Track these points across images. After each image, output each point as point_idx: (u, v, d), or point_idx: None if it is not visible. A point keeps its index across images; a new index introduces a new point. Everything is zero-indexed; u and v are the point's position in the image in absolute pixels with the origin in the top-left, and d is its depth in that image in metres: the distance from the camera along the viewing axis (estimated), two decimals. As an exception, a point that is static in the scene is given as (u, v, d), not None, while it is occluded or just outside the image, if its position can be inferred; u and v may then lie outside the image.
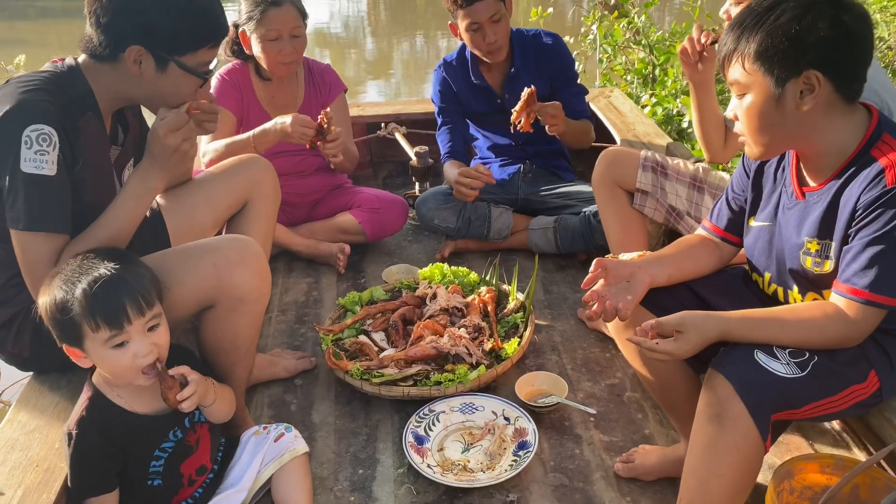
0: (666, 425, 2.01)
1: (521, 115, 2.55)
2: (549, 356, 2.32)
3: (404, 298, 2.42)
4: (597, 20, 5.15)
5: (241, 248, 1.71)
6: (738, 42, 1.39)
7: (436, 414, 1.99)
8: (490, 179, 2.67)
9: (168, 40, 1.62)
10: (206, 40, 1.67)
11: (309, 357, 2.31)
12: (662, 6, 9.47)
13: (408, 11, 15.21)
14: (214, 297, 1.69)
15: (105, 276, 1.43)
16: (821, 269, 1.46)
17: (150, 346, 1.46)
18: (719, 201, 1.74)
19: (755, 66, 1.38)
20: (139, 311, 1.44)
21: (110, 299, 1.42)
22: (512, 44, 2.82)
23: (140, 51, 1.61)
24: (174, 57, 1.64)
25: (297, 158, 2.89)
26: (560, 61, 2.87)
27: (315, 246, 2.86)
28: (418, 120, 3.65)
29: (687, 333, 1.40)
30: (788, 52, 1.34)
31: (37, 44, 11.30)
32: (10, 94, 1.57)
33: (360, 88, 8.43)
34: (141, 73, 1.64)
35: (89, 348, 1.46)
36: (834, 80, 1.35)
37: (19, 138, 1.52)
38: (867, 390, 1.44)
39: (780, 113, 1.39)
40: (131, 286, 1.45)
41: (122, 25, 1.60)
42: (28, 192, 1.54)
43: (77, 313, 1.41)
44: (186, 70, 1.66)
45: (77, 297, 1.41)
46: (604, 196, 2.36)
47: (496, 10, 2.64)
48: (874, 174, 1.35)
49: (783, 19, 1.34)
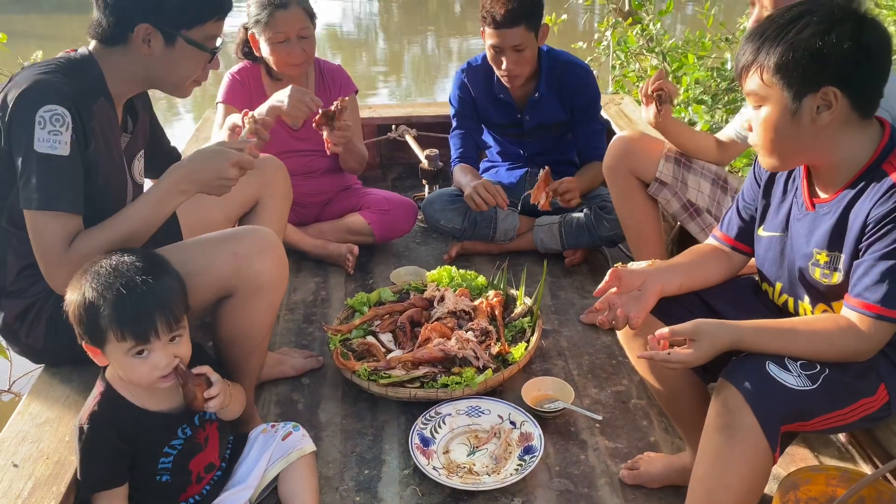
0: (671, 433, 2.01)
1: (539, 196, 2.55)
2: (556, 361, 2.32)
3: (412, 300, 2.43)
4: (610, 26, 5.15)
5: (260, 237, 1.74)
6: (758, 53, 1.39)
7: (442, 416, 2.00)
8: (503, 204, 2.66)
9: (175, 15, 1.65)
10: (211, 13, 1.70)
11: (316, 356, 2.31)
12: (676, 14, 9.47)
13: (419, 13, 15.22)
14: (234, 286, 1.71)
15: (139, 288, 1.41)
16: (829, 280, 1.47)
17: (170, 358, 1.46)
18: (730, 211, 1.75)
19: (774, 78, 1.37)
20: (167, 328, 1.44)
21: (141, 314, 1.41)
22: (540, 66, 2.80)
23: (148, 28, 1.64)
24: (181, 32, 1.67)
25: (308, 159, 2.91)
26: (586, 95, 2.85)
27: (324, 246, 2.87)
28: (429, 123, 3.66)
29: (700, 341, 1.40)
30: (809, 68, 1.33)
31: (52, 37, 11.35)
32: (26, 77, 1.60)
33: (372, 90, 8.45)
34: (150, 52, 1.67)
35: (110, 351, 1.46)
36: (851, 96, 1.35)
37: (33, 118, 1.54)
38: (876, 404, 1.44)
39: (795, 126, 1.39)
40: (163, 301, 1.43)
41: (130, 4, 1.63)
42: (41, 171, 1.55)
43: (105, 320, 1.41)
44: (194, 44, 1.69)
45: (108, 305, 1.40)
46: (619, 184, 2.36)
47: (522, 41, 2.60)
48: (885, 188, 1.35)
49: (806, 34, 1.33)
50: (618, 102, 3.68)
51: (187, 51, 1.70)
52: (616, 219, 2.57)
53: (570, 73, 2.83)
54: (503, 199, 2.65)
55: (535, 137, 2.98)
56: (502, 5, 2.55)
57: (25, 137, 1.54)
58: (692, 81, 4.45)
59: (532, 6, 2.59)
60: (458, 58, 10.26)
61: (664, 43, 4.93)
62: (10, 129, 1.57)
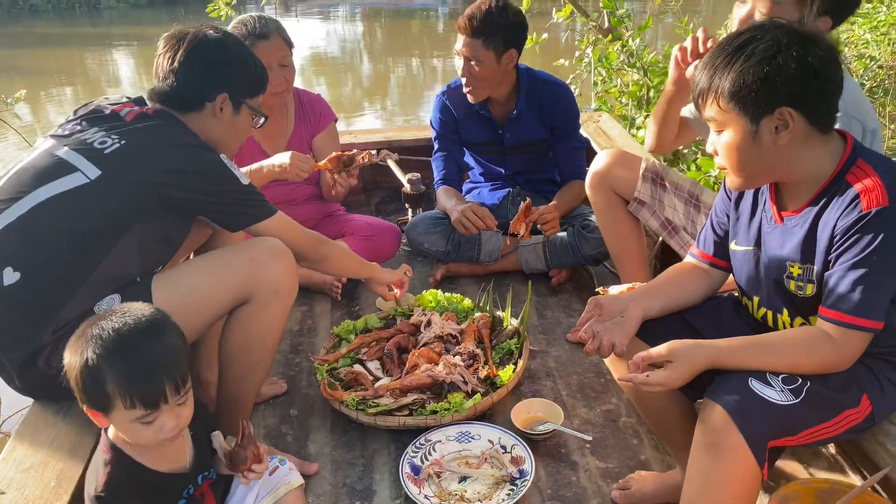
0: (661, 451, 2.00)
1: (520, 226, 2.57)
2: (545, 382, 2.32)
3: (399, 326, 2.43)
4: (591, 43, 5.18)
5: (272, 246, 1.86)
6: (711, 81, 1.42)
7: (432, 443, 1.99)
8: (492, 227, 2.68)
9: (244, 88, 1.95)
10: (263, 86, 2.02)
11: (279, 382, 2.34)
12: (655, 28, 9.56)
13: (403, 34, 15.32)
14: (250, 292, 1.81)
15: (145, 353, 1.37)
16: (804, 292, 1.48)
17: (176, 420, 1.42)
18: (704, 228, 1.76)
19: (730, 105, 1.41)
20: (175, 392, 1.39)
21: (150, 381, 1.36)
22: (518, 85, 2.83)
23: (225, 98, 1.90)
24: (245, 100, 1.95)
25: (291, 187, 2.91)
26: (565, 113, 2.88)
27: (309, 275, 2.86)
28: (410, 146, 3.67)
29: (677, 362, 1.42)
30: (761, 92, 1.37)
31: (36, 71, 11.38)
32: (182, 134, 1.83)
33: (358, 111, 8.48)
34: (221, 118, 1.92)
35: (115, 417, 1.40)
36: (806, 114, 1.38)
37: (222, 161, 1.83)
38: (860, 414, 1.45)
39: (757, 148, 1.42)
40: (170, 365, 1.39)
41: (214, 79, 1.89)
42: (250, 198, 1.88)
43: (111, 388, 1.35)
44: (254, 111, 1.99)
45: (114, 371, 1.35)
46: (601, 202, 2.38)
47: (475, 54, 2.65)
48: (850, 199, 1.38)
49: (753, 60, 1.37)
50: (596, 120, 3.70)
51: (247, 117, 1.99)
52: (599, 237, 2.59)
53: (548, 92, 2.85)
54: (491, 221, 2.66)
55: (516, 155, 3.00)
56: (471, 15, 2.63)
57: (228, 178, 1.83)
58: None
59: (498, 26, 2.62)
60: (442, 78, 10.31)
61: (645, 57, 4.97)
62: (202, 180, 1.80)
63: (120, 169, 1.74)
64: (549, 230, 2.64)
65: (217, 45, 1.90)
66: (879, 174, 1.38)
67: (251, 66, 1.97)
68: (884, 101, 4.99)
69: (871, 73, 5.13)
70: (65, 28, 16.88)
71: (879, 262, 1.35)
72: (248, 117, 2.00)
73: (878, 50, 5.20)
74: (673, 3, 5.58)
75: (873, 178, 1.37)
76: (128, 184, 1.74)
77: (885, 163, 1.42)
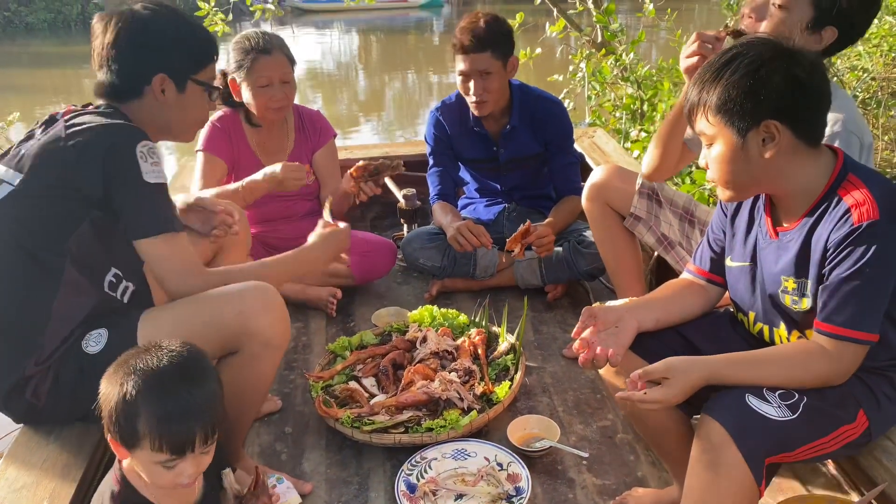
0: (658, 466, 1.99)
1: (516, 245, 2.57)
2: (541, 398, 2.31)
3: (394, 342, 2.42)
4: (585, 58, 5.21)
5: (263, 294, 1.75)
6: (700, 95, 1.45)
7: (428, 461, 1.98)
8: (488, 244, 2.67)
9: (184, 63, 1.80)
10: (210, 57, 1.86)
11: (274, 399, 2.31)
12: (649, 42, 9.62)
13: (399, 49, 15.39)
14: (239, 343, 1.72)
15: (182, 399, 1.34)
16: (799, 307, 1.49)
17: (196, 468, 1.39)
18: (701, 244, 1.76)
19: (717, 118, 1.43)
20: (204, 442, 1.37)
21: (182, 430, 1.34)
22: (512, 100, 2.85)
23: (163, 78, 1.77)
24: (190, 76, 1.81)
25: (288, 203, 2.91)
26: (558, 128, 2.90)
27: (303, 290, 2.86)
28: (406, 162, 3.67)
29: (674, 379, 1.42)
30: (745, 106, 1.39)
31: (32, 90, 11.40)
32: (99, 123, 1.68)
33: (354, 125, 8.50)
34: (165, 99, 1.79)
35: (138, 455, 1.37)
36: (793, 127, 1.40)
37: (134, 154, 1.65)
38: (857, 430, 1.45)
39: (745, 160, 1.44)
40: (204, 413, 1.36)
41: (145, 61, 1.75)
42: (156, 200, 1.70)
43: (143, 426, 1.32)
44: (203, 84, 1.84)
45: (149, 412, 1.32)
46: (597, 217, 2.38)
47: (488, 66, 2.67)
48: (842, 213, 1.39)
49: (738, 75, 1.39)
50: (590, 136, 3.71)
51: (196, 93, 1.83)
52: (595, 252, 2.59)
53: (541, 107, 2.87)
54: (487, 239, 2.66)
55: (511, 171, 3.00)
56: (470, 31, 2.65)
57: (132, 172, 1.65)
58: (668, 108, 4.50)
59: (499, 35, 2.67)
60: (437, 91, 10.36)
61: (638, 71, 5.00)
62: (106, 169, 1.65)
63: (38, 169, 1.67)
64: (544, 253, 2.65)
65: (147, 24, 1.76)
66: (869, 188, 1.39)
67: (190, 38, 1.82)
68: (877, 113, 5.02)
69: (865, 84, 5.16)
70: (61, 47, 16.92)
71: (871, 274, 1.36)
72: (200, 93, 1.85)
73: (870, 62, 5.23)
74: (666, 17, 5.61)
75: (864, 192, 1.39)
76: (46, 185, 1.67)
77: (876, 177, 1.44)
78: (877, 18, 5.71)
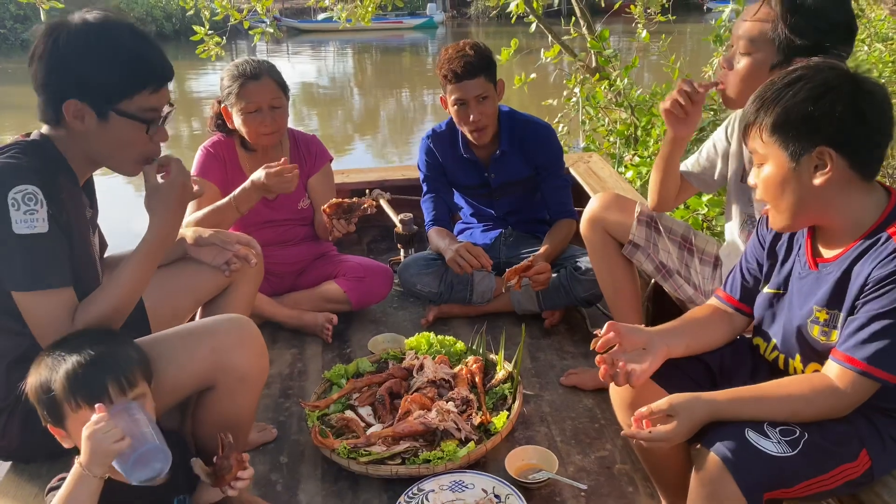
0: (657, 498, 1.97)
1: (513, 277, 2.59)
2: (538, 428, 2.29)
3: (391, 371, 2.40)
4: (579, 83, 5.24)
5: (237, 329, 1.73)
6: (758, 114, 1.44)
7: (425, 493, 1.96)
8: (487, 266, 2.68)
9: (101, 90, 1.59)
10: (142, 85, 1.62)
11: (270, 428, 2.29)
12: (643, 67, 9.69)
13: (393, 69, 15.46)
14: (214, 379, 1.70)
15: (88, 355, 1.44)
16: (827, 339, 1.47)
17: None
18: (733, 272, 1.75)
19: (772, 138, 1.42)
20: (120, 391, 1.43)
21: (91, 379, 1.42)
22: (500, 125, 2.86)
23: (77, 104, 1.58)
24: (112, 105, 1.61)
25: (283, 229, 2.90)
26: (548, 152, 2.91)
27: (299, 317, 2.84)
28: (402, 186, 3.68)
29: (678, 417, 1.42)
30: (803, 129, 1.38)
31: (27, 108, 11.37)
32: None
33: (348, 145, 8.52)
34: (85, 128, 1.62)
35: (71, 428, 1.45)
36: (848, 157, 1.38)
37: (5, 202, 1.50)
38: (858, 469, 1.44)
39: (795, 185, 1.42)
40: (113, 366, 1.44)
41: (58, 83, 1.59)
42: (25, 252, 1.53)
43: (59, 393, 1.41)
44: (128, 116, 1.62)
45: (59, 377, 1.42)
46: (595, 244, 2.37)
47: (484, 90, 2.70)
48: (888, 252, 1.37)
49: (799, 97, 1.38)
50: (586, 161, 3.72)
51: (123, 124, 1.62)
52: (591, 279, 2.59)
53: (530, 131, 2.89)
54: (486, 260, 2.66)
55: (504, 196, 3.01)
56: (461, 59, 2.67)
57: (1, 222, 1.51)
58: (662, 133, 4.53)
59: (488, 60, 2.73)
60: (432, 111, 10.40)
61: (632, 96, 5.03)
62: None
63: None
64: (538, 287, 2.66)
65: (70, 39, 1.57)
66: None
67: (120, 60, 1.59)
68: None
69: None
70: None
71: None
72: (130, 124, 1.63)
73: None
74: (660, 43, 5.65)
75: None
76: None
77: None
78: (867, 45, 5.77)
